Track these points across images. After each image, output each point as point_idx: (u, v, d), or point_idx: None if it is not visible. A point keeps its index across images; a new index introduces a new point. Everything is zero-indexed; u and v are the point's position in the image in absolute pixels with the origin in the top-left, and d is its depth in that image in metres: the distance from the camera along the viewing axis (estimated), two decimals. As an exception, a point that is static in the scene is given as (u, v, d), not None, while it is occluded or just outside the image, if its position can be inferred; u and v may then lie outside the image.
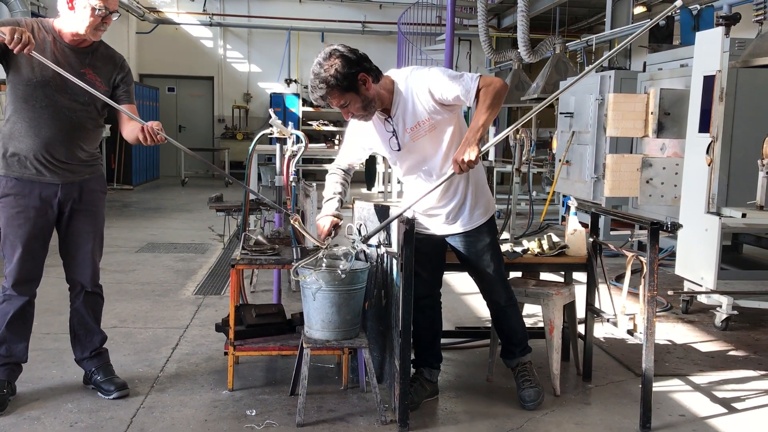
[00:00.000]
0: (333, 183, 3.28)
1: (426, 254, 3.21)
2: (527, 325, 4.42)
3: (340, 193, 3.23)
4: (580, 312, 3.79)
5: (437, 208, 3.21)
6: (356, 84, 2.89)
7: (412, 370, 3.25)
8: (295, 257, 3.37)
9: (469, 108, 3.00)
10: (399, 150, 3.11)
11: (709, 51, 4.64)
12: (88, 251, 3.25)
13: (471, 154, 2.77)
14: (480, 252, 3.25)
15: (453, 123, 3.08)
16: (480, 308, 4.87)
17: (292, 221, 3.07)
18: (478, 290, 3.38)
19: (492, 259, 3.26)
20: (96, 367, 3.33)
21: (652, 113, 5.48)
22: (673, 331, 4.62)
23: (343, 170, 3.32)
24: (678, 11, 7.85)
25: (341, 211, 3.19)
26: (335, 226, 3.15)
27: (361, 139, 3.24)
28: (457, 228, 3.23)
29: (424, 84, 2.96)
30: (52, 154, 3.05)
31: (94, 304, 3.36)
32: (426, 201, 3.13)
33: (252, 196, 4.39)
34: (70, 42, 3.06)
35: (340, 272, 3.01)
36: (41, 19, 3.15)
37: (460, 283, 3.53)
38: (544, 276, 3.92)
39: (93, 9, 2.95)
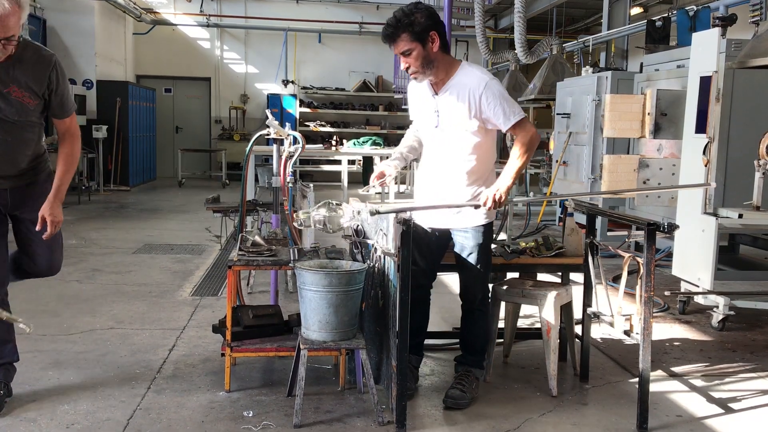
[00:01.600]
0: (405, 140, 3.51)
1: (428, 246, 3.38)
2: (525, 326, 4.45)
3: (401, 153, 3.44)
4: (577, 312, 3.80)
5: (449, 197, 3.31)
6: (426, 38, 3.09)
7: None
8: (292, 258, 3.37)
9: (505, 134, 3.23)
10: (437, 127, 3.27)
11: (705, 52, 4.65)
12: (48, 245, 3.19)
13: (502, 194, 3.05)
14: (471, 250, 3.33)
15: (485, 137, 3.25)
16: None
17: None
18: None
19: (479, 260, 3.34)
20: None
21: (648, 114, 5.48)
22: (670, 332, 4.63)
23: (414, 139, 3.49)
24: (674, 12, 7.87)
25: (398, 165, 3.37)
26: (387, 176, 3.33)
27: (412, 100, 3.43)
28: (459, 223, 3.32)
29: (481, 86, 3.13)
30: None
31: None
32: (440, 188, 3.30)
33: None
34: None
35: (338, 224, 3.18)
36: None
37: (457, 284, 3.53)
38: (541, 277, 3.92)
39: None
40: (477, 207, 3.14)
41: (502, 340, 3.96)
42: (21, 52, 2.90)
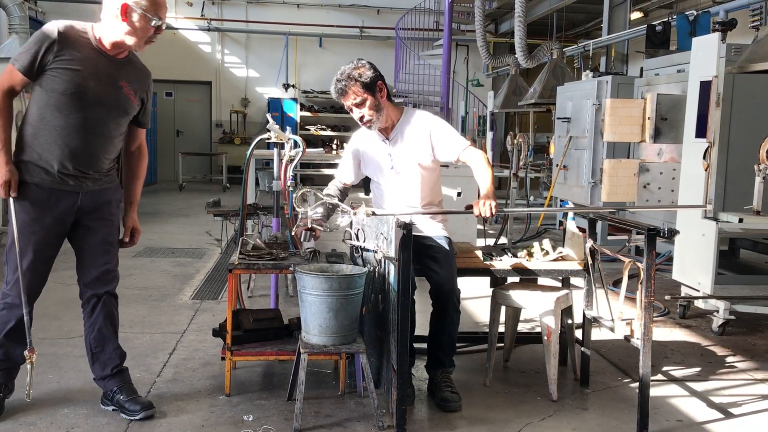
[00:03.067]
0: (327, 192, 3.66)
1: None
2: (525, 330, 4.45)
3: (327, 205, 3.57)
4: (578, 317, 3.80)
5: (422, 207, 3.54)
6: (375, 87, 3.36)
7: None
8: (292, 262, 3.37)
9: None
10: (392, 169, 3.49)
11: (705, 56, 4.66)
12: (108, 260, 3.16)
13: (493, 204, 3.18)
14: (443, 256, 3.44)
15: (433, 171, 3.54)
16: (477, 313, 4.87)
17: None
18: (474, 296, 3.43)
19: (450, 266, 3.45)
20: (118, 387, 3.20)
21: (649, 118, 5.48)
22: (671, 336, 4.62)
23: (337, 190, 3.70)
24: (674, 17, 7.88)
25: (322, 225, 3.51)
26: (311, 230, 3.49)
27: (357, 153, 3.63)
28: (437, 229, 3.51)
29: (428, 125, 3.45)
30: (76, 166, 2.96)
31: (111, 316, 3.22)
32: (410, 204, 3.50)
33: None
34: (109, 51, 2.96)
35: (336, 224, 3.30)
36: (76, 23, 3.00)
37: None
38: (542, 281, 3.92)
39: (149, 20, 2.85)
40: (479, 213, 3.21)
41: (502, 344, 3.96)
42: (131, 55, 3.08)
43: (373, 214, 3.18)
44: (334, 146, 12.61)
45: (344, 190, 3.73)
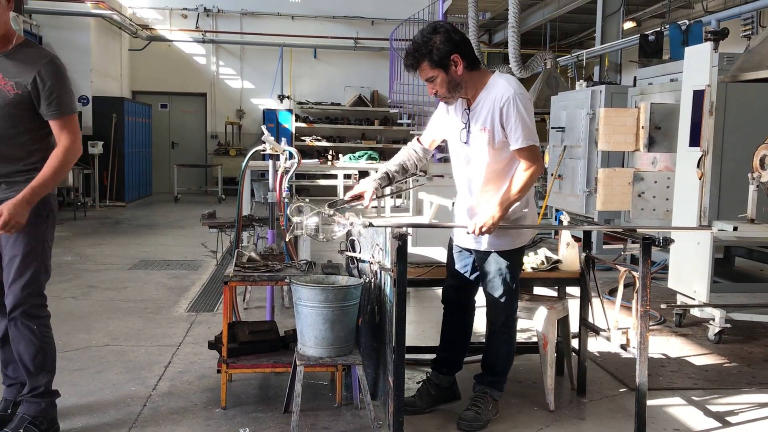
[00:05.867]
0: (396, 156, 3.37)
1: (460, 263, 3.38)
2: (522, 340, 4.43)
3: (388, 171, 3.31)
4: (574, 326, 3.79)
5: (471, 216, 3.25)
6: (448, 63, 2.97)
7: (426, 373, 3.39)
8: (288, 273, 3.36)
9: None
10: (466, 143, 3.16)
11: (698, 66, 4.69)
12: (15, 276, 2.87)
13: (488, 225, 2.99)
14: (492, 274, 3.24)
15: (507, 155, 3.11)
16: (478, 325, 4.84)
17: None
18: (480, 305, 3.42)
19: (500, 286, 3.23)
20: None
21: (643, 127, 5.51)
22: (667, 345, 4.62)
23: (418, 147, 3.37)
24: (667, 27, 7.94)
25: (380, 184, 3.27)
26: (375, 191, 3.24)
27: (442, 117, 3.30)
28: (479, 246, 3.24)
29: (502, 101, 3.00)
30: None
31: (18, 341, 2.91)
32: (474, 208, 3.23)
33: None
34: None
35: (333, 234, 3.12)
36: None
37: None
38: (538, 290, 3.92)
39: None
40: (472, 231, 3.05)
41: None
42: (21, 48, 2.92)
43: (370, 225, 3.15)
44: (329, 157, 12.62)
45: (422, 154, 3.36)
